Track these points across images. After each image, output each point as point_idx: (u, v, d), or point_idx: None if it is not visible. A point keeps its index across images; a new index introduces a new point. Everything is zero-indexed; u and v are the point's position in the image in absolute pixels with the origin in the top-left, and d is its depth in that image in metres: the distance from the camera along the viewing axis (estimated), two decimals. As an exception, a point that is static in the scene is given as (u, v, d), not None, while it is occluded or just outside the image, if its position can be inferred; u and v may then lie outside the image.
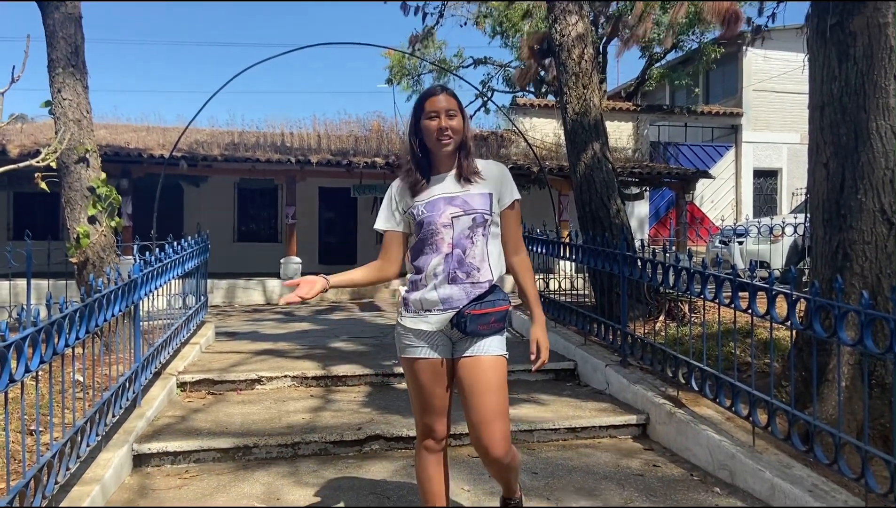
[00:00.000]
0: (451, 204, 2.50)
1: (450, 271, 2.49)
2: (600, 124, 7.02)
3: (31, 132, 13.18)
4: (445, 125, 2.47)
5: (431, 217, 2.50)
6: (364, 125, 16.84)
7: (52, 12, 5.69)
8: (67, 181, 5.72)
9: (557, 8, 7.06)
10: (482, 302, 2.48)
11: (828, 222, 3.82)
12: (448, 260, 2.49)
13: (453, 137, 2.49)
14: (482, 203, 2.51)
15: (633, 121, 18.96)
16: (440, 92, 2.53)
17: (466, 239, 2.49)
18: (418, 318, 2.53)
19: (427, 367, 2.54)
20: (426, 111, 2.50)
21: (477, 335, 2.48)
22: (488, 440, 2.46)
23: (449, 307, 2.49)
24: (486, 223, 2.51)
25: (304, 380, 5.26)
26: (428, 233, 2.51)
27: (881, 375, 3.64)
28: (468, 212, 2.49)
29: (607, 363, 5.13)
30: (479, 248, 2.50)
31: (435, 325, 2.52)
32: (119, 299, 3.81)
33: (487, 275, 2.51)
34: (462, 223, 2.49)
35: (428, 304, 2.51)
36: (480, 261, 2.50)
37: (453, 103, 2.50)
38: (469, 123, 2.58)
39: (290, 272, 13.59)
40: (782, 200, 19.77)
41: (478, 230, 2.50)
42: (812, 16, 4.03)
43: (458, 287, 2.49)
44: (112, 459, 3.44)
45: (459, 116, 2.51)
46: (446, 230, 2.49)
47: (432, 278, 2.50)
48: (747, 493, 3.41)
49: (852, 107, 3.72)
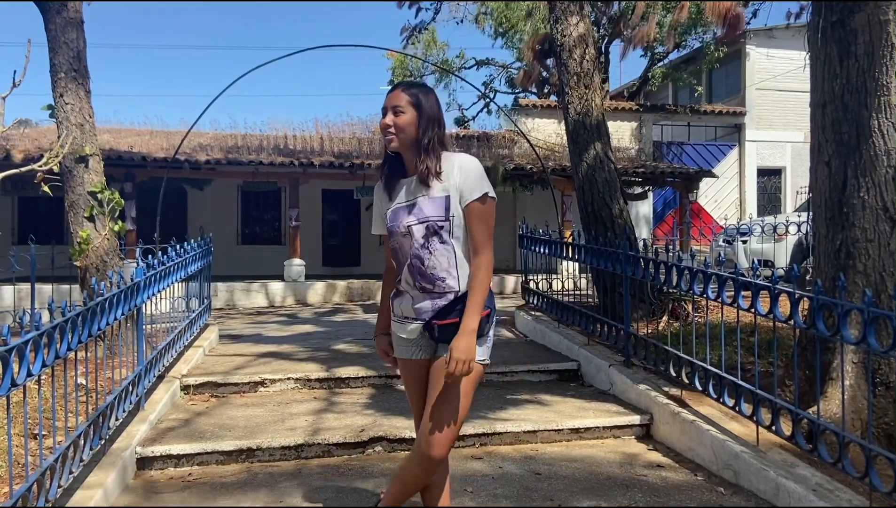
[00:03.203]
0: (408, 213, 2.43)
1: (416, 282, 2.44)
2: (602, 124, 7.01)
3: (35, 137, 13.21)
4: (389, 122, 2.40)
5: (393, 227, 2.47)
6: (367, 127, 16.85)
7: (54, 17, 5.71)
8: (70, 185, 5.74)
9: (559, 8, 7.05)
10: (451, 312, 2.40)
11: (830, 220, 3.81)
12: (412, 270, 2.44)
13: (397, 134, 2.40)
14: (434, 209, 2.39)
15: (636, 121, 18.94)
16: (398, 88, 2.45)
17: (422, 249, 2.40)
18: (399, 324, 2.55)
19: (412, 367, 2.56)
20: (382, 109, 2.45)
21: (446, 342, 2.39)
22: (431, 440, 2.39)
23: (419, 318, 2.46)
24: (440, 231, 2.39)
25: (307, 382, 5.26)
26: (394, 243, 2.49)
27: (885, 373, 3.62)
28: (421, 221, 2.40)
29: (611, 364, 5.12)
30: (439, 256, 2.40)
31: (410, 334, 2.51)
32: (122, 302, 3.81)
33: (454, 284, 2.41)
34: (417, 233, 2.41)
35: (405, 311, 2.50)
36: (446, 269, 2.41)
37: (402, 99, 2.40)
38: (428, 121, 2.40)
39: (294, 275, 13.61)
40: (786, 198, 19.74)
41: (433, 240, 2.39)
42: (813, 14, 4.02)
43: (427, 297, 2.44)
44: (115, 462, 3.44)
45: (411, 114, 2.39)
46: (405, 240, 2.44)
47: (406, 286, 2.49)
48: (752, 493, 3.40)
49: (854, 105, 3.70)
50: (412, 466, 2.52)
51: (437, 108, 2.46)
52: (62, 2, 5.70)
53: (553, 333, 6.36)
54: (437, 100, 2.50)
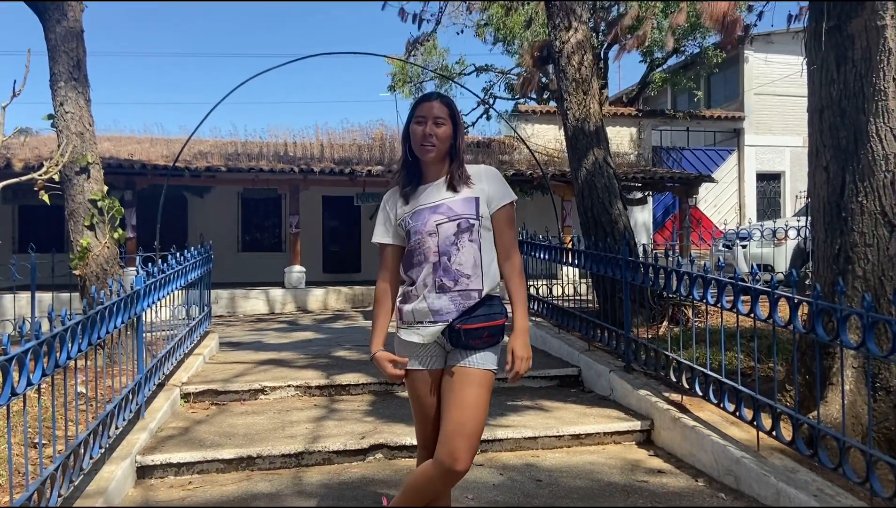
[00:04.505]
0: (436, 212, 2.46)
1: (437, 280, 2.43)
2: (601, 130, 7.03)
3: (35, 145, 13.23)
4: (430, 132, 2.44)
5: (417, 226, 2.47)
6: (367, 133, 16.90)
7: (54, 27, 5.73)
8: (70, 194, 5.75)
9: (557, 15, 7.08)
10: (473, 316, 2.42)
11: (829, 225, 3.81)
12: (436, 269, 2.44)
13: (437, 144, 2.44)
14: (466, 208, 2.45)
15: (635, 126, 18.98)
16: (434, 98, 2.51)
17: (451, 246, 2.43)
18: (411, 330, 2.50)
19: (421, 378, 2.51)
20: (416, 115, 2.48)
21: (469, 348, 2.43)
22: (457, 453, 2.37)
23: (440, 320, 2.44)
24: (471, 229, 2.44)
25: (307, 390, 5.26)
26: (416, 243, 2.48)
27: (885, 378, 3.62)
28: (452, 218, 2.44)
29: (611, 369, 5.12)
30: (466, 254, 2.43)
31: (426, 338, 2.47)
32: (121, 310, 3.82)
33: (478, 284, 2.44)
34: (446, 230, 2.44)
35: (419, 315, 2.47)
36: (471, 268, 2.43)
37: (444, 112, 2.46)
38: (462, 134, 2.52)
39: (294, 281, 13.61)
40: (786, 203, 19.74)
41: (463, 236, 2.44)
42: (810, 19, 4.03)
43: (447, 297, 2.43)
44: (115, 471, 3.44)
45: (449, 126, 2.46)
46: (431, 238, 2.45)
47: (422, 289, 2.46)
48: (753, 498, 3.39)
49: (851, 110, 3.71)
50: (432, 479, 2.46)
51: (462, 120, 2.59)
52: (62, 11, 5.73)
53: (553, 338, 6.35)
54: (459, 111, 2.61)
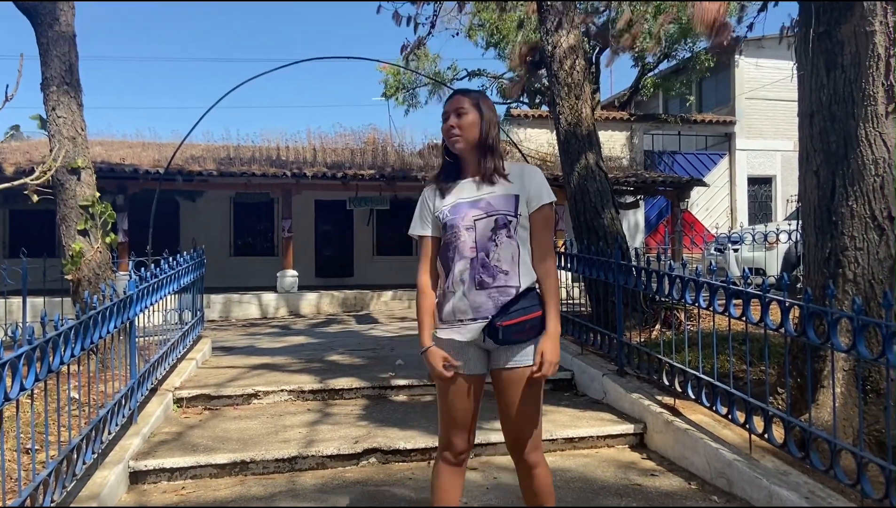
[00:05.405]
0: (474, 207, 2.48)
1: (475, 276, 2.45)
2: (593, 134, 7.06)
3: (26, 150, 13.18)
4: (454, 123, 2.48)
5: (454, 220, 2.48)
6: (359, 138, 16.89)
7: (46, 31, 5.72)
8: (62, 198, 5.73)
9: (549, 19, 7.11)
10: (511, 312, 2.43)
11: (819, 229, 3.84)
12: (473, 264, 2.46)
13: (461, 135, 2.48)
14: (505, 204, 2.47)
15: (627, 130, 19.05)
16: (457, 94, 2.56)
17: (489, 241, 2.45)
18: (451, 329, 2.49)
19: (460, 383, 2.49)
20: (443, 115, 2.54)
21: (512, 343, 2.46)
22: (521, 448, 2.52)
23: (479, 317, 2.45)
24: (509, 225, 2.46)
25: (300, 394, 5.25)
26: (452, 236, 2.49)
27: (876, 380, 3.65)
28: (490, 214, 2.46)
29: (604, 373, 5.14)
30: (504, 251, 2.45)
31: (467, 335, 2.47)
32: (114, 315, 3.81)
33: (515, 280, 2.45)
34: (484, 225, 2.45)
35: (459, 313, 2.48)
36: (509, 265, 2.45)
37: (466, 102, 2.50)
38: (490, 122, 2.52)
39: (287, 286, 13.58)
40: (777, 206, 19.85)
41: (501, 232, 2.45)
42: (800, 24, 4.06)
43: (485, 293, 2.44)
44: (108, 477, 3.42)
45: (473, 115, 2.49)
46: (468, 233, 2.46)
47: (459, 285, 2.47)
48: (745, 500, 3.41)
49: (841, 115, 3.74)
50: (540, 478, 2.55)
51: (494, 111, 2.58)
52: (54, 15, 5.71)
53: (546, 342, 6.34)
54: (493, 104, 2.61)
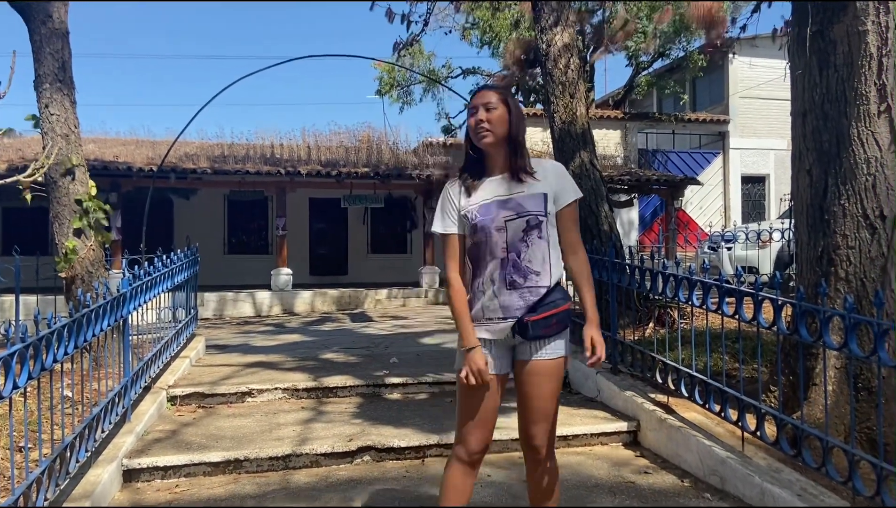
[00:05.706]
0: (504, 207, 2.47)
1: (507, 276, 2.46)
2: (587, 133, 7.07)
3: (19, 147, 13.13)
4: (482, 118, 2.47)
5: (484, 221, 2.48)
6: (354, 136, 16.86)
7: (39, 28, 5.69)
8: (55, 196, 5.71)
9: (543, 18, 7.11)
10: (542, 307, 2.45)
11: (812, 227, 3.86)
12: (504, 265, 2.46)
13: (490, 129, 2.46)
14: (536, 204, 2.47)
15: (621, 129, 19.09)
16: (483, 89, 2.55)
17: (521, 242, 2.45)
18: (480, 327, 2.50)
19: (490, 380, 2.48)
20: (470, 108, 2.53)
21: (540, 338, 2.46)
22: (538, 442, 2.54)
23: (509, 316, 2.46)
24: (540, 225, 2.47)
25: (294, 392, 5.25)
26: (482, 237, 2.49)
27: (867, 378, 3.66)
28: (521, 215, 2.46)
29: (598, 371, 5.15)
30: (535, 251, 2.46)
31: (496, 334, 2.49)
32: (108, 313, 3.80)
33: (546, 280, 2.47)
34: (516, 226, 2.46)
35: (489, 312, 2.49)
36: (540, 265, 2.47)
37: (494, 97, 2.49)
38: (518, 118, 2.51)
39: (281, 284, 13.57)
40: (770, 205, 19.92)
41: (532, 233, 2.46)
42: (793, 24, 4.08)
43: (517, 293, 2.45)
44: (102, 475, 3.42)
45: (501, 110, 2.47)
46: (500, 234, 2.46)
47: (490, 285, 2.48)
48: (738, 498, 3.43)
49: (834, 114, 3.76)
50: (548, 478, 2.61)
51: (520, 108, 2.57)
52: (47, 12, 5.69)
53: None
54: (518, 102, 2.62)
